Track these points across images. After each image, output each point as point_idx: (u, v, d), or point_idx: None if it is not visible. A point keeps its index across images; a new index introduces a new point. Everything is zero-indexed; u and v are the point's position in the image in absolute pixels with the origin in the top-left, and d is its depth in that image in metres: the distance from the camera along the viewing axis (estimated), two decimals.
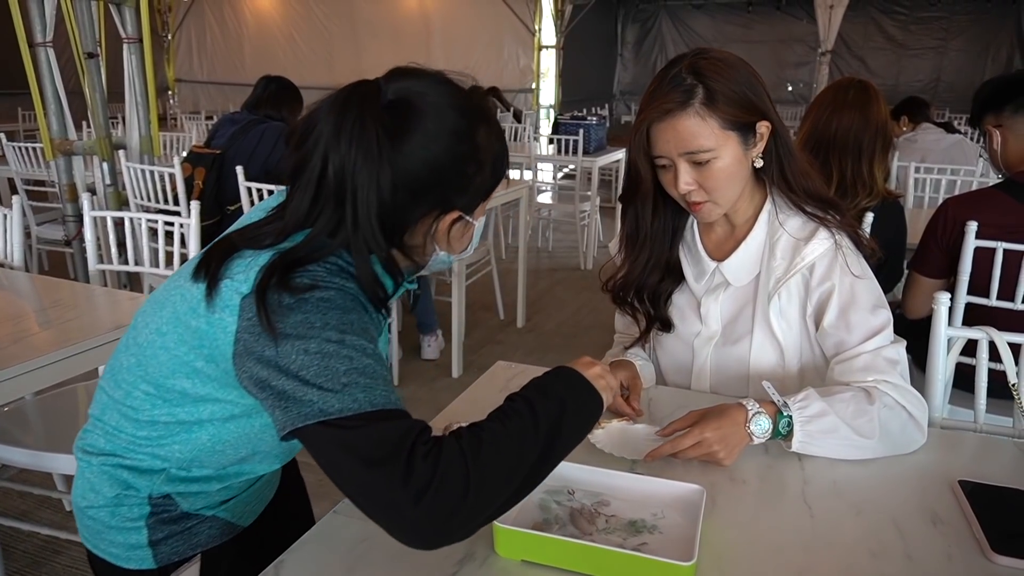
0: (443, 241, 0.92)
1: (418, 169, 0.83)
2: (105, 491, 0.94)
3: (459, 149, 0.86)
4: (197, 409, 0.89)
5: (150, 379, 0.89)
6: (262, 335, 0.77)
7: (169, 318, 0.88)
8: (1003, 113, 1.88)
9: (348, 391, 0.74)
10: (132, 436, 0.92)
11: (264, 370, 0.77)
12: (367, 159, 0.80)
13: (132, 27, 3.33)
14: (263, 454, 0.97)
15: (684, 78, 1.10)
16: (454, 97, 0.87)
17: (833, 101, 2.00)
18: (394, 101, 0.84)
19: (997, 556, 0.85)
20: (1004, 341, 1.29)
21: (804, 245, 1.17)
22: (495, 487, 0.74)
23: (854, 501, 0.97)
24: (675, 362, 1.34)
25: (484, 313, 4.18)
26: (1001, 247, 1.80)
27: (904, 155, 3.59)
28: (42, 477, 2.18)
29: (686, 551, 0.80)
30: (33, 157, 4.35)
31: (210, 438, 0.91)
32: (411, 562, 0.83)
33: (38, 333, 1.56)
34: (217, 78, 12.03)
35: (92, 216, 2.30)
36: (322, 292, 0.79)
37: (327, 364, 0.75)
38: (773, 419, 1.04)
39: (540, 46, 10.34)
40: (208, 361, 0.84)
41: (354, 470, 0.73)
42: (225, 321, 0.81)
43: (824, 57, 7.72)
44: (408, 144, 0.83)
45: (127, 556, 0.95)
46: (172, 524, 0.95)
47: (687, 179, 1.13)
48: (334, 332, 0.77)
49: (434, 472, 0.71)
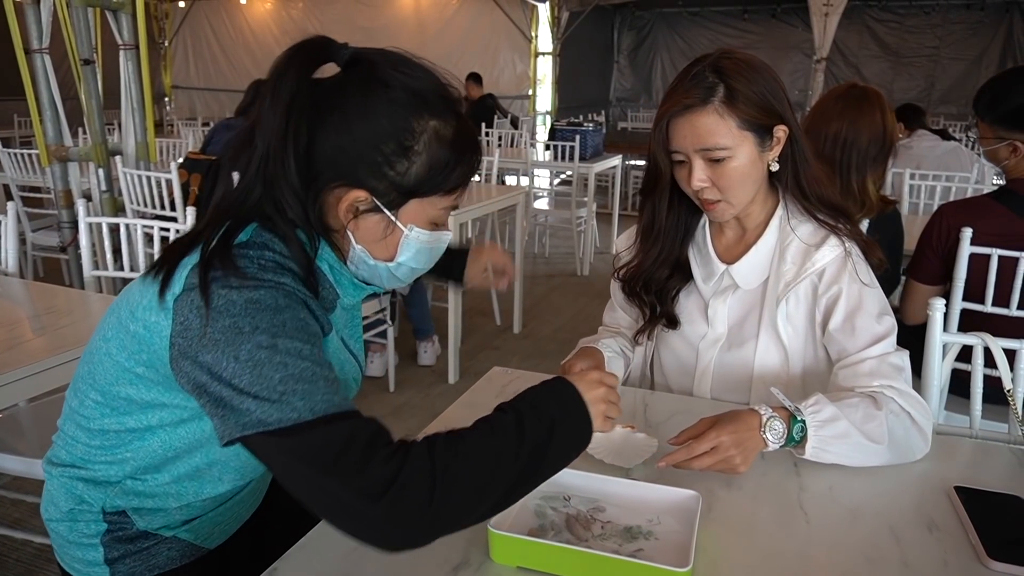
0: (355, 228, 0.86)
1: (328, 130, 0.81)
2: (62, 504, 0.93)
3: (379, 123, 0.81)
4: (145, 416, 0.86)
5: (98, 387, 0.87)
6: (194, 339, 0.75)
7: (114, 324, 0.86)
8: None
9: (286, 400, 0.72)
10: (87, 446, 0.90)
11: (200, 374, 0.75)
12: (286, 102, 0.78)
13: (128, 34, 3.33)
14: (221, 465, 0.92)
15: (706, 76, 1.11)
16: (415, 79, 0.83)
17: (823, 115, 1.92)
18: (350, 61, 0.84)
19: (993, 562, 0.85)
20: (999, 347, 1.30)
21: (815, 251, 1.18)
22: (463, 502, 0.73)
23: (850, 507, 0.97)
24: (679, 363, 1.33)
25: (481, 319, 4.18)
26: (996, 253, 1.81)
27: (899, 162, 3.60)
28: (36, 485, 2.17)
29: (682, 557, 0.80)
30: (29, 163, 4.35)
31: (161, 444, 0.87)
32: (405, 570, 0.82)
33: (32, 340, 1.55)
34: (213, 85, 12.05)
35: (87, 222, 2.29)
36: (251, 292, 0.75)
37: (260, 372, 0.73)
38: (787, 424, 1.01)
39: (536, 53, 10.38)
40: (147, 367, 0.82)
41: (307, 476, 0.72)
42: (160, 324, 0.78)
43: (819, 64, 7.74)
44: (330, 105, 0.81)
45: (87, 572, 0.93)
46: (128, 543, 0.92)
47: (701, 176, 1.14)
48: (265, 336, 0.74)
49: (396, 475, 0.70)
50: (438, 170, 0.84)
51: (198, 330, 0.74)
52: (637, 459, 1.05)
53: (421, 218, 0.87)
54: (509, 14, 10.15)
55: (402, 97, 0.82)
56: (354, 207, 0.84)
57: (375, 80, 0.82)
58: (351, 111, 0.81)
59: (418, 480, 0.70)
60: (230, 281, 0.76)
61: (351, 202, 0.84)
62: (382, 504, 0.69)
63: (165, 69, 12.08)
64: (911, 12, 10.55)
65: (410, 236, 0.87)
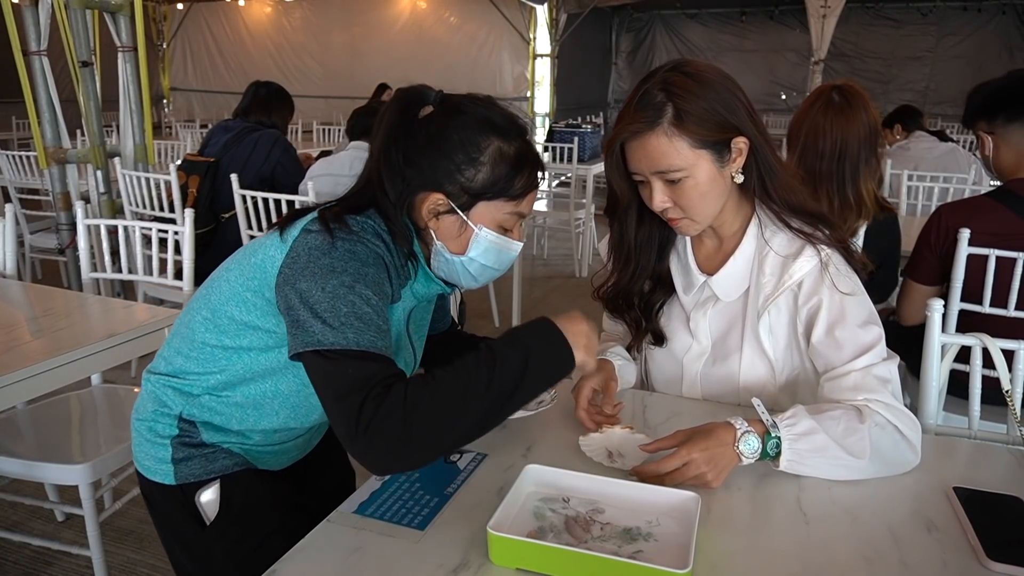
0: (436, 227, 1.05)
1: (420, 145, 1.03)
2: (148, 406, 1.11)
3: (452, 139, 1.02)
4: (240, 336, 1.04)
5: (210, 306, 1.07)
6: (300, 268, 0.94)
7: (238, 257, 1.08)
8: (996, 121, 1.88)
9: (342, 329, 0.90)
10: (186, 357, 1.08)
11: (293, 297, 0.93)
12: (388, 130, 1.03)
13: (127, 36, 3.34)
14: (281, 399, 1.08)
15: (654, 95, 1.08)
16: (487, 109, 1.05)
17: (813, 132, 1.90)
18: (440, 101, 1.06)
19: (992, 563, 0.85)
20: (998, 348, 1.30)
21: (792, 262, 1.15)
22: (434, 433, 0.87)
23: (849, 508, 0.97)
24: (665, 376, 1.33)
25: (480, 320, 4.18)
26: (994, 254, 1.81)
27: (897, 163, 3.61)
28: (34, 487, 2.17)
29: (681, 559, 0.80)
30: (27, 166, 4.34)
31: (244, 366, 1.06)
32: (403, 571, 0.82)
33: (30, 342, 1.55)
34: (211, 87, 12.05)
35: (86, 224, 2.29)
36: (351, 244, 0.96)
37: (334, 304, 0.91)
38: (762, 439, 1.00)
39: (535, 55, 10.39)
40: (255, 293, 1.01)
41: (327, 399, 0.90)
42: (276, 257, 0.99)
43: (817, 66, 7.76)
44: (427, 126, 1.04)
45: (154, 469, 1.10)
46: (193, 448, 1.09)
47: (661, 196, 1.13)
48: (349, 278, 0.93)
49: (376, 412, 0.84)
50: (501, 178, 1.03)
51: (304, 262, 0.94)
52: (636, 460, 1.05)
53: (489, 220, 1.05)
54: (507, 16, 10.15)
55: (472, 120, 1.04)
56: (435, 209, 1.04)
57: (455, 109, 1.05)
58: (434, 133, 1.03)
59: (393, 418, 0.84)
60: (339, 232, 0.96)
61: (432, 204, 1.04)
62: (366, 436, 0.84)
63: (163, 71, 12.08)
64: (908, 14, 10.58)
65: (479, 235, 1.05)
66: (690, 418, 1.07)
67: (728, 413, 1.05)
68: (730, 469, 1.00)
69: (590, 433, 1.13)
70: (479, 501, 0.96)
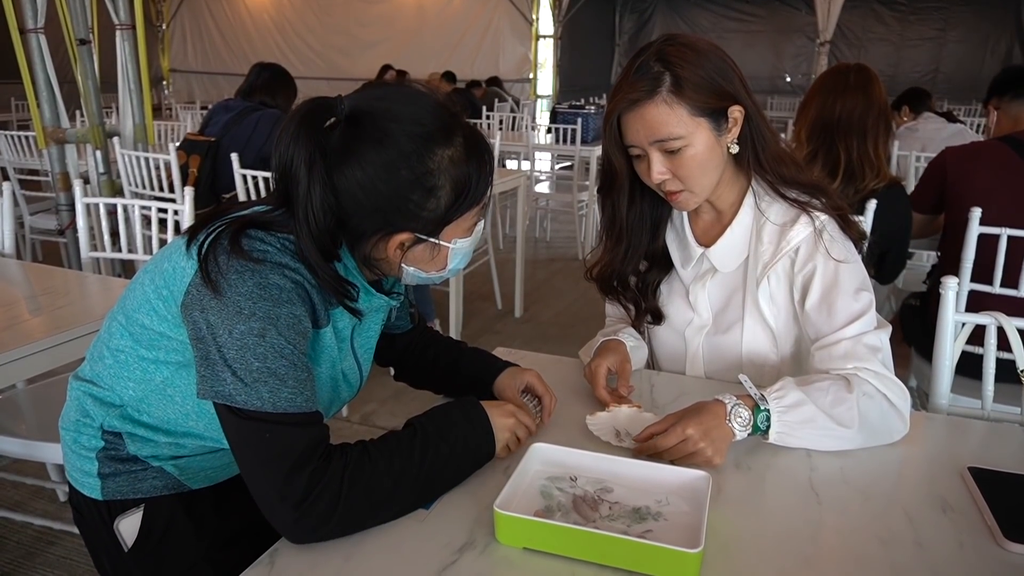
0: (406, 259, 0.94)
1: (354, 191, 0.87)
2: (72, 414, 1.03)
3: (400, 177, 0.86)
4: (154, 346, 0.94)
5: (125, 312, 0.98)
6: (207, 296, 0.84)
7: (154, 260, 0.98)
8: (1004, 98, 2.23)
9: (255, 387, 0.82)
10: (103, 363, 1.00)
11: (203, 327, 0.84)
12: (307, 173, 0.84)
13: (125, 14, 3.29)
14: (210, 418, 0.93)
15: (651, 66, 1.08)
16: (414, 120, 0.88)
17: (835, 86, 2.02)
18: (349, 116, 0.87)
19: (1009, 543, 0.83)
20: (1013, 327, 1.28)
21: (789, 229, 1.16)
22: (361, 516, 0.84)
23: (862, 488, 0.95)
24: (669, 352, 1.32)
25: (482, 303, 4.16)
26: (1005, 233, 1.78)
27: (905, 144, 3.57)
28: (35, 467, 2.16)
29: (692, 538, 0.78)
30: (26, 146, 4.31)
31: (163, 380, 0.95)
32: (409, 550, 0.81)
33: (29, 320, 1.54)
34: (212, 68, 11.97)
35: (85, 203, 2.27)
36: (262, 276, 0.84)
37: (243, 354, 0.82)
38: (752, 412, 1.01)
39: (538, 36, 10.30)
40: (165, 302, 0.91)
41: (245, 459, 0.84)
42: (186, 270, 0.88)
43: (823, 48, 7.69)
44: (347, 166, 0.86)
45: (82, 481, 1.02)
46: (119, 463, 1.00)
47: (660, 168, 1.11)
48: (258, 324, 0.82)
49: (311, 490, 0.80)
50: (464, 189, 0.91)
51: (212, 289, 0.83)
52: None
53: (460, 231, 0.95)
54: None
55: (409, 146, 0.87)
56: (403, 245, 0.92)
57: (381, 137, 0.86)
58: (372, 174, 0.86)
59: (326, 498, 0.81)
60: (252, 249, 0.85)
61: (398, 243, 0.92)
62: (295, 511, 0.80)
63: (163, 52, 11.99)
64: None
65: (455, 248, 0.96)
66: (697, 397, 1.05)
67: (732, 392, 1.04)
68: (727, 445, 0.99)
69: (597, 412, 1.12)
70: (485, 480, 0.94)
